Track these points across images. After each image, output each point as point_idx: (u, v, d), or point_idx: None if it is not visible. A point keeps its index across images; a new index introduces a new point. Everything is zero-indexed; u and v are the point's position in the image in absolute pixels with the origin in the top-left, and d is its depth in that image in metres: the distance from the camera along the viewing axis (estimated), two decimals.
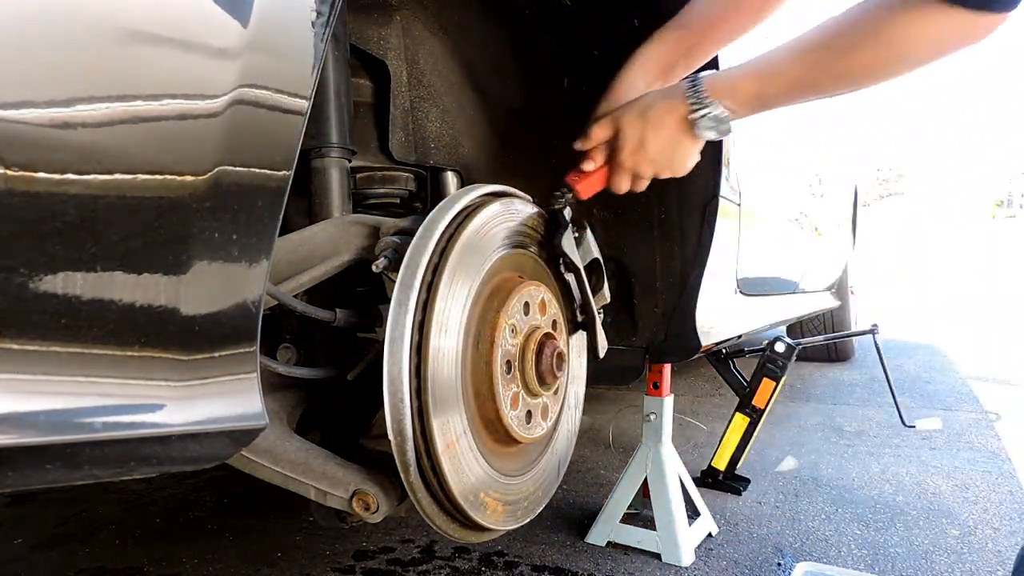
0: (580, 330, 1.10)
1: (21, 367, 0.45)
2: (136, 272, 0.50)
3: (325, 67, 0.97)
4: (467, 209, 0.87)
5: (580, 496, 2.05)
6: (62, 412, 0.48)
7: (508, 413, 0.88)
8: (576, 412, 1.13)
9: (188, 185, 0.51)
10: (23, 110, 0.43)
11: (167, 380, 0.54)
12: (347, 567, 1.59)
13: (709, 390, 3.64)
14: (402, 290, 0.78)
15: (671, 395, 1.76)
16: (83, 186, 0.46)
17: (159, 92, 0.49)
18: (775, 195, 2.07)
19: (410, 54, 1.17)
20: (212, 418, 0.57)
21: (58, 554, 1.67)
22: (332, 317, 0.89)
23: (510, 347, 0.89)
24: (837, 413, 3.14)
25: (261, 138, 0.56)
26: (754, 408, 2.13)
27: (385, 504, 0.82)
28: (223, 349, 0.57)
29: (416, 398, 0.77)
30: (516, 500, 0.94)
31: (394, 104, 1.17)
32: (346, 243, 0.89)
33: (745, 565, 1.62)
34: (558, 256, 1.01)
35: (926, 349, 5.04)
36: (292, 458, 0.83)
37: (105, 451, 0.51)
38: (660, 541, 1.63)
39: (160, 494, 2.07)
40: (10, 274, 0.44)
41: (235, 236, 0.56)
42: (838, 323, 4.08)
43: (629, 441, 2.61)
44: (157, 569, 1.59)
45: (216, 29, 0.52)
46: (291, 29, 0.58)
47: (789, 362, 2.11)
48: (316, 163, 1.00)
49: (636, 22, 1.22)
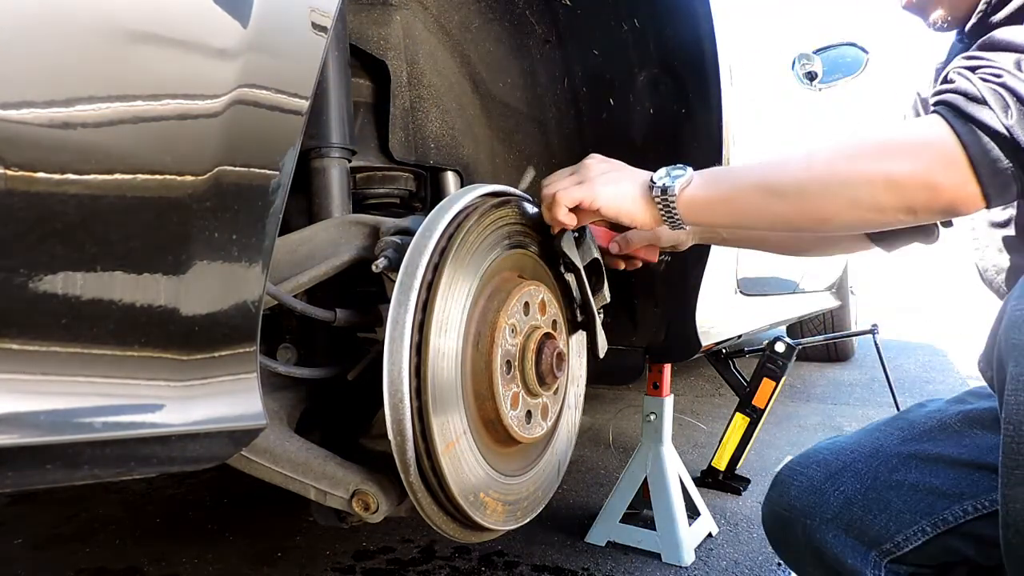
0: (580, 330, 1.10)
1: (21, 367, 0.45)
2: (136, 272, 0.50)
3: (325, 67, 0.97)
4: (467, 209, 0.87)
5: (580, 496, 2.05)
6: (62, 412, 0.48)
7: (508, 413, 0.88)
8: (576, 412, 1.13)
9: (188, 185, 0.51)
10: (23, 110, 0.43)
11: (167, 380, 0.54)
12: (347, 567, 1.59)
13: (709, 390, 3.64)
14: (402, 290, 0.78)
15: (671, 395, 1.76)
16: (83, 186, 0.46)
17: (159, 92, 0.49)
18: None
19: (410, 54, 1.17)
20: (212, 418, 0.57)
21: (58, 554, 1.67)
22: (332, 317, 0.89)
23: (510, 347, 0.89)
24: (837, 413, 3.14)
25: (261, 138, 0.56)
26: (754, 408, 2.13)
27: (385, 504, 0.82)
28: (223, 349, 0.57)
29: (416, 398, 0.77)
30: (516, 500, 0.94)
31: (394, 104, 1.17)
32: (346, 243, 0.89)
33: (745, 565, 1.62)
34: (558, 256, 1.01)
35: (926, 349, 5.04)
36: (292, 458, 0.83)
37: (105, 451, 0.51)
38: (660, 541, 1.63)
39: (160, 494, 2.07)
40: (10, 274, 0.44)
41: (235, 236, 0.56)
42: (838, 323, 4.08)
43: (629, 441, 2.61)
44: (157, 569, 1.59)
45: (216, 29, 0.52)
46: (291, 29, 0.58)
47: (789, 362, 2.11)
48: (316, 163, 1.00)
49: (636, 22, 1.22)
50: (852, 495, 0.94)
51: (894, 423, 1.02)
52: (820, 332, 4.08)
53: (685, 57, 1.22)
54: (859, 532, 0.92)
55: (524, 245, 0.98)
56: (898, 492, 0.92)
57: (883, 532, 0.91)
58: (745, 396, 2.15)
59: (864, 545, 0.92)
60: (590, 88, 1.33)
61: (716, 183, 0.86)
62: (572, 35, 1.29)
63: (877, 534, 0.91)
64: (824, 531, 0.94)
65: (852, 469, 0.97)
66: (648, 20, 1.21)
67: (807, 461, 1.02)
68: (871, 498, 0.93)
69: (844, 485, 0.95)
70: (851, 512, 0.93)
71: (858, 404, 3.31)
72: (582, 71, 1.32)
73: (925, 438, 0.96)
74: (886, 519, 0.91)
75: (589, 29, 1.26)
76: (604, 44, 1.27)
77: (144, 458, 0.54)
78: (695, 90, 1.24)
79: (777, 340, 2.12)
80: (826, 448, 1.03)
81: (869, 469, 0.96)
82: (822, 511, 0.95)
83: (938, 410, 1.01)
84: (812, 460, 1.02)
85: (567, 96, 1.35)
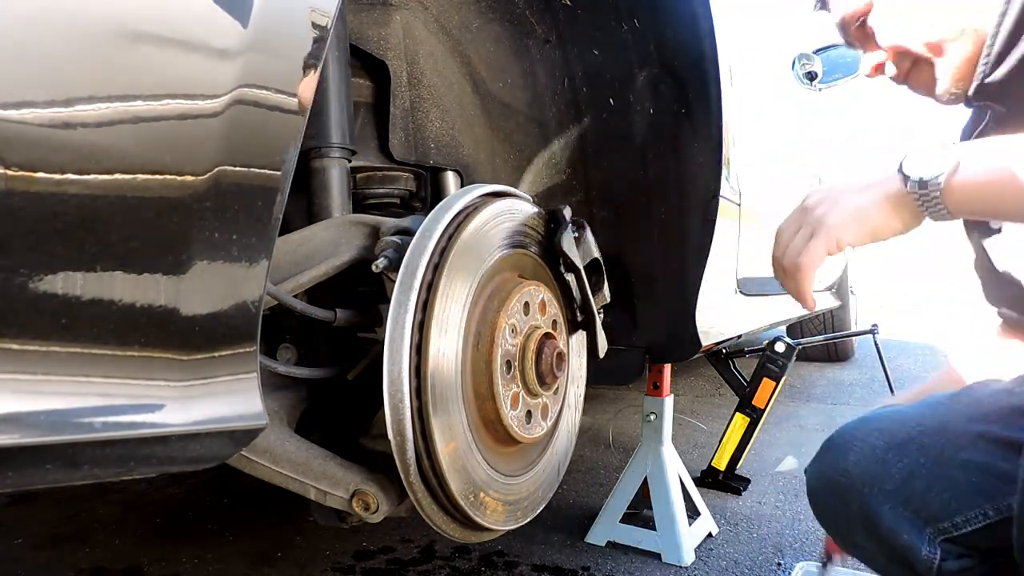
0: (580, 330, 1.10)
1: (21, 367, 0.45)
2: (136, 272, 0.50)
3: (325, 67, 0.97)
4: (467, 209, 0.87)
5: (580, 496, 2.05)
6: (62, 412, 0.48)
7: (508, 413, 0.88)
8: (576, 412, 1.13)
9: (188, 185, 0.51)
10: (23, 110, 0.43)
11: (167, 380, 0.54)
12: (347, 567, 1.59)
13: (709, 390, 3.64)
14: (402, 290, 0.78)
15: (671, 395, 1.76)
16: (83, 186, 0.46)
17: (159, 92, 0.49)
18: (775, 195, 2.07)
19: (410, 54, 1.17)
20: (212, 418, 0.57)
21: (58, 554, 1.67)
22: (332, 317, 0.89)
23: (510, 347, 0.89)
24: (837, 413, 3.14)
25: (261, 138, 0.56)
26: (754, 408, 2.13)
27: (385, 504, 0.82)
28: (223, 349, 0.57)
29: (416, 398, 0.77)
30: (516, 500, 0.94)
31: (394, 104, 1.17)
32: (346, 243, 0.89)
33: (745, 565, 1.62)
34: (558, 256, 1.01)
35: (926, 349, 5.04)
36: (292, 458, 0.83)
37: (105, 451, 0.51)
38: (660, 541, 1.63)
39: (160, 494, 2.07)
40: (10, 274, 0.44)
41: (235, 236, 0.56)
42: (838, 323, 4.08)
43: (629, 441, 2.61)
44: (157, 569, 1.59)
45: (216, 29, 0.52)
46: (291, 29, 0.58)
47: (789, 362, 2.11)
48: (316, 163, 1.00)
49: (636, 22, 1.22)
50: (916, 469, 0.89)
51: (959, 399, 0.96)
52: (820, 332, 4.08)
53: (685, 57, 1.22)
54: (918, 507, 0.88)
55: (524, 245, 0.98)
56: (964, 471, 0.87)
57: (944, 510, 0.87)
58: (745, 396, 2.15)
59: (922, 520, 0.88)
60: (590, 88, 1.33)
61: (993, 165, 0.74)
62: (572, 35, 1.29)
63: (937, 511, 0.87)
64: (881, 502, 0.90)
65: (918, 442, 0.91)
66: (648, 20, 1.21)
67: (867, 428, 0.97)
68: (936, 474, 0.88)
69: (909, 457, 0.90)
70: (913, 486, 0.88)
71: (858, 404, 3.31)
72: (582, 71, 1.32)
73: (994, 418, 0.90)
74: (948, 497, 0.87)
75: (589, 29, 1.26)
76: (604, 44, 1.27)
77: (144, 458, 0.54)
78: (695, 90, 1.24)
79: (777, 340, 2.12)
80: (888, 416, 0.98)
81: (935, 444, 0.90)
82: (882, 482, 0.90)
83: (1006, 391, 0.95)
84: (873, 427, 0.96)
85: (567, 96, 1.35)
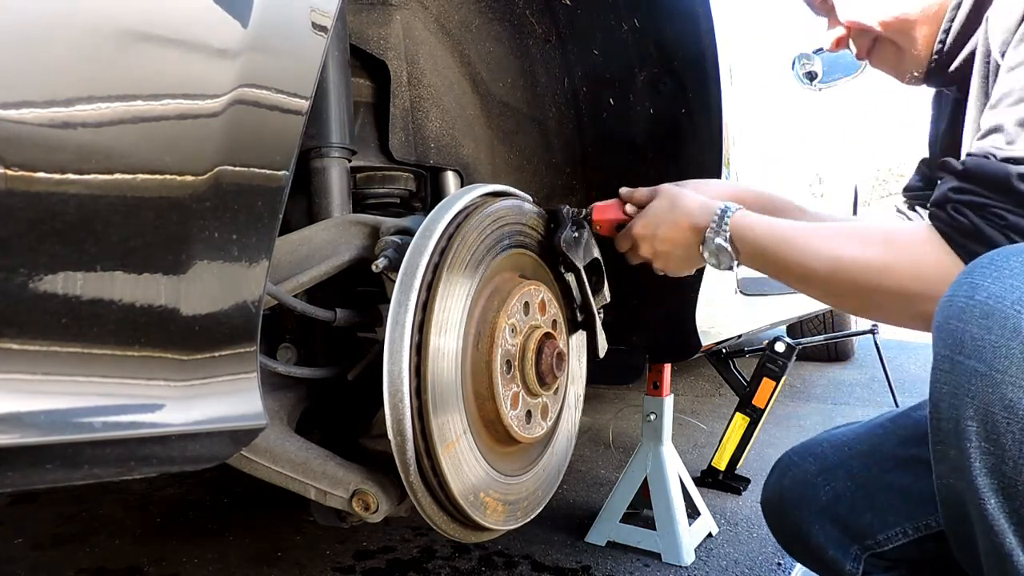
0: (580, 330, 1.10)
1: (21, 367, 0.45)
2: (136, 272, 0.50)
3: (325, 67, 0.97)
4: (467, 209, 0.87)
5: (580, 496, 2.05)
6: (62, 412, 0.48)
7: (508, 413, 0.88)
8: (576, 412, 1.13)
9: (188, 185, 0.51)
10: (23, 110, 0.43)
11: (167, 380, 0.54)
12: (347, 567, 1.59)
13: (709, 390, 3.64)
14: (402, 290, 0.78)
15: (671, 395, 1.76)
16: (83, 186, 0.46)
17: (159, 92, 0.49)
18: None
19: (410, 54, 1.17)
20: (212, 418, 0.57)
21: (58, 554, 1.67)
22: (332, 317, 0.89)
23: (510, 347, 0.89)
24: (837, 413, 3.14)
25: (261, 138, 0.56)
26: (754, 408, 2.13)
27: (385, 504, 0.82)
28: (223, 349, 0.57)
29: (416, 398, 0.77)
30: (516, 500, 0.94)
31: (394, 104, 1.17)
32: (346, 243, 0.89)
33: (745, 565, 1.62)
34: (558, 256, 1.01)
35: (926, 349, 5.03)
36: (292, 458, 0.83)
37: (105, 451, 0.51)
38: (660, 541, 1.63)
39: (160, 494, 2.07)
40: (10, 274, 0.44)
41: (235, 236, 0.56)
42: (838, 323, 4.08)
43: (629, 441, 2.61)
44: (157, 569, 1.59)
45: (216, 29, 0.52)
46: (291, 29, 0.58)
47: (789, 362, 2.11)
48: (316, 163, 1.00)
49: (636, 22, 1.22)
50: (842, 492, 0.99)
51: (898, 422, 1.04)
52: (820, 332, 4.08)
53: (685, 57, 1.22)
54: (844, 526, 0.98)
55: (524, 245, 0.98)
56: (887, 494, 0.96)
57: (867, 529, 0.96)
58: (745, 396, 2.15)
59: (848, 538, 0.98)
60: (590, 88, 1.33)
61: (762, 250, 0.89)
62: (572, 35, 1.29)
63: (861, 530, 0.97)
64: (812, 522, 1.00)
65: (846, 467, 1.01)
66: (648, 20, 1.21)
67: (805, 452, 1.07)
68: (859, 496, 0.98)
69: (836, 482, 1.00)
70: (838, 508, 0.99)
71: (858, 404, 3.31)
72: (582, 71, 1.32)
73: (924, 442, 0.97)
74: (871, 517, 0.96)
75: (589, 29, 1.27)
76: (604, 44, 1.27)
77: (144, 458, 0.54)
78: (695, 90, 1.24)
79: (777, 340, 2.12)
80: (825, 440, 1.08)
81: (863, 467, 1.00)
82: (811, 504, 1.01)
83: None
84: (809, 452, 1.07)
85: (567, 96, 1.36)
